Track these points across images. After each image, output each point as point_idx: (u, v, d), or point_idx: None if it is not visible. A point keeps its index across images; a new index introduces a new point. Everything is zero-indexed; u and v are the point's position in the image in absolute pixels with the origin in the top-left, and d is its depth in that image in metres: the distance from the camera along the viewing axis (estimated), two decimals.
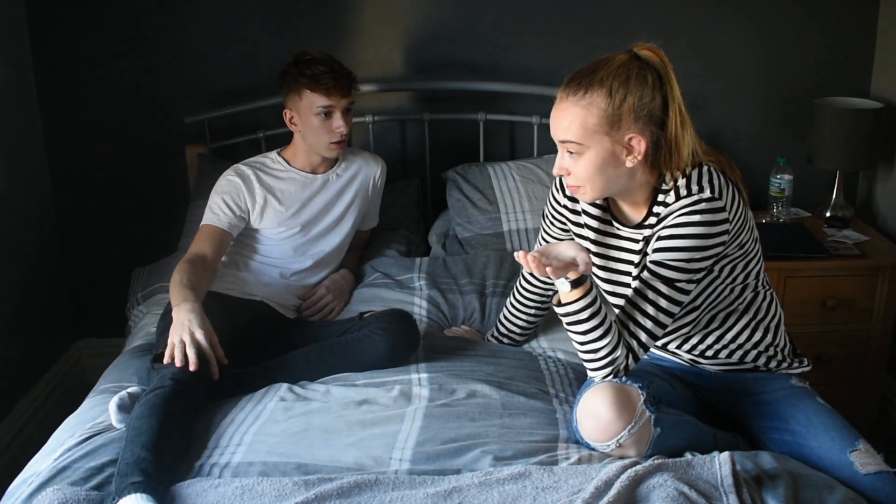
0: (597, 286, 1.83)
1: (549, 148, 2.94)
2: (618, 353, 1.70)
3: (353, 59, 2.75)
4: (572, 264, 1.65)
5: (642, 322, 1.70)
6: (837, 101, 2.90)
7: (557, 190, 1.96)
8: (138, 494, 1.53)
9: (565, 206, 1.94)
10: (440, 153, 3.02)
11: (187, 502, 1.55)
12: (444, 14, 2.95)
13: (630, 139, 1.68)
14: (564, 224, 1.97)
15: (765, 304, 1.87)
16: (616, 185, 1.74)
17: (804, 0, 2.95)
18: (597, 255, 1.87)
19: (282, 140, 2.68)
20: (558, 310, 1.72)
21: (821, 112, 2.86)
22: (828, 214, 2.96)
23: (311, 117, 2.38)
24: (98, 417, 1.88)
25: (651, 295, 1.70)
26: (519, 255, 1.63)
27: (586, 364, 1.74)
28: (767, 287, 1.90)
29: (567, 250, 1.67)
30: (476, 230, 2.77)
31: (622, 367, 1.71)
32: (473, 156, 3.00)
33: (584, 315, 1.68)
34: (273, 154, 2.53)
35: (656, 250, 1.71)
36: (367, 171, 2.58)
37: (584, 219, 1.89)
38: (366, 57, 2.94)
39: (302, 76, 2.36)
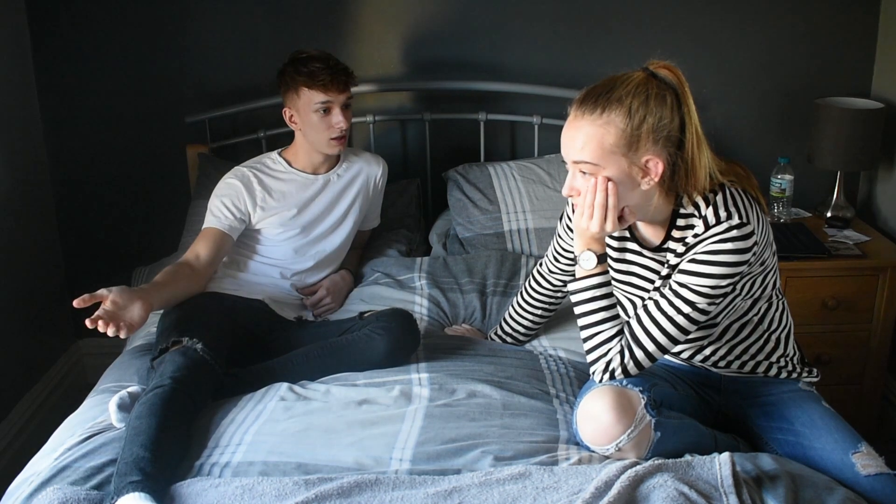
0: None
1: (550, 148, 2.96)
2: (612, 343, 1.70)
3: (354, 58, 2.75)
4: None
5: (654, 334, 1.69)
6: (838, 101, 2.90)
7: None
8: (137, 494, 1.53)
9: None
10: (440, 153, 3.02)
11: (187, 502, 1.55)
12: (444, 14, 2.95)
13: (647, 161, 1.64)
14: None
15: (777, 315, 1.86)
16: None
17: (804, 0, 2.95)
18: (615, 270, 1.86)
19: (283, 140, 2.68)
20: (573, 285, 1.74)
21: (821, 112, 2.86)
22: (828, 215, 2.96)
23: (310, 114, 2.38)
24: (98, 417, 1.88)
25: (670, 311, 1.68)
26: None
27: (587, 354, 1.75)
28: (780, 297, 1.88)
29: None
30: (477, 230, 2.77)
31: (617, 364, 1.71)
32: (474, 156, 3.00)
33: (601, 292, 1.71)
34: (274, 154, 2.53)
35: (683, 272, 1.68)
36: (368, 172, 2.58)
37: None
38: (366, 57, 2.94)
39: (298, 74, 2.36)
